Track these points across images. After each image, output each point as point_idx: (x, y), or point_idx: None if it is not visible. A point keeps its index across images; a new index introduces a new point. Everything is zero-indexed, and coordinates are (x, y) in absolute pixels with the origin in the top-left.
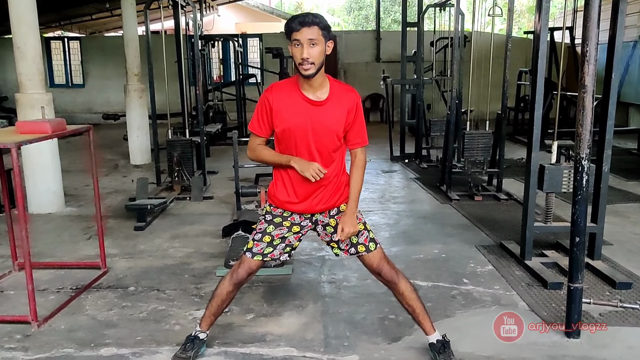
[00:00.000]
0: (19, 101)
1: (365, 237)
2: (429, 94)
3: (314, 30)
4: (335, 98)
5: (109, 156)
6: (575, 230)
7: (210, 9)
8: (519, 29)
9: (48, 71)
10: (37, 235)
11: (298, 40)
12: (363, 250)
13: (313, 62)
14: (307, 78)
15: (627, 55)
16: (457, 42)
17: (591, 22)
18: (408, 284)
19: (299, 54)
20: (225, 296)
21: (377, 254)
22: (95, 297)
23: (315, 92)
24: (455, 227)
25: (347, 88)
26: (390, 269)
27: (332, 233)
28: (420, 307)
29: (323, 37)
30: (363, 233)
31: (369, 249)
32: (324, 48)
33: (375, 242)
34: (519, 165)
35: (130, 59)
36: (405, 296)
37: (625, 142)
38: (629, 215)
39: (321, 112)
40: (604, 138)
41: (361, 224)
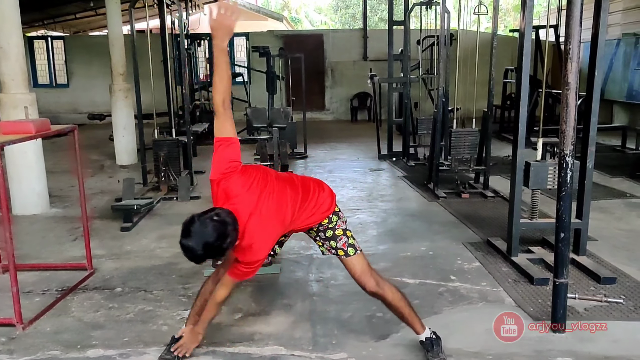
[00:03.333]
0: (2, 101)
1: (344, 242)
2: (416, 92)
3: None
4: None
5: (94, 156)
6: (560, 226)
7: (196, 8)
8: (504, 27)
9: (31, 71)
10: (21, 236)
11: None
12: (342, 254)
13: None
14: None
15: (611, 53)
16: (444, 41)
17: (574, 20)
18: (394, 292)
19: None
20: (208, 295)
21: (358, 263)
22: (81, 298)
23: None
24: (442, 225)
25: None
26: (374, 283)
27: (315, 237)
28: (409, 311)
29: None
30: (341, 238)
31: (347, 254)
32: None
33: (355, 247)
34: (505, 163)
35: (116, 59)
36: (393, 305)
37: (610, 139)
38: (614, 211)
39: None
40: (588, 135)
41: (340, 229)
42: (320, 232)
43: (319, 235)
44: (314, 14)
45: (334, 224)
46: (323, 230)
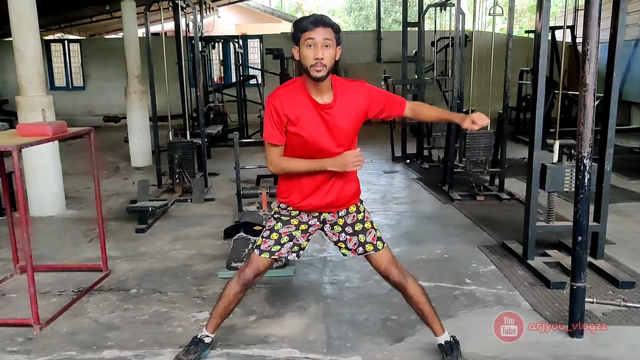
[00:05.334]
0: (20, 104)
1: (373, 236)
2: (430, 93)
3: (329, 31)
4: (343, 98)
5: (109, 158)
6: (577, 229)
7: (210, 10)
8: (520, 28)
9: (48, 74)
10: (38, 238)
11: (312, 40)
12: (371, 249)
13: (326, 64)
14: (317, 81)
15: (629, 54)
16: (458, 42)
17: (592, 21)
18: (417, 287)
19: (312, 55)
20: (232, 297)
21: (385, 255)
22: (97, 299)
23: (323, 95)
24: (457, 227)
25: (351, 84)
26: (399, 273)
27: (340, 232)
28: (430, 309)
29: (335, 41)
30: (370, 232)
31: (376, 248)
32: (335, 52)
33: (382, 241)
34: (521, 165)
35: (131, 61)
36: (414, 299)
37: (628, 141)
38: (632, 214)
39: (333, 114)
40: (606, 137)
41: (369, 222)
42: (347, 227)
43: (345, 230)
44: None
45: (362, 214)
46: (351, 224)
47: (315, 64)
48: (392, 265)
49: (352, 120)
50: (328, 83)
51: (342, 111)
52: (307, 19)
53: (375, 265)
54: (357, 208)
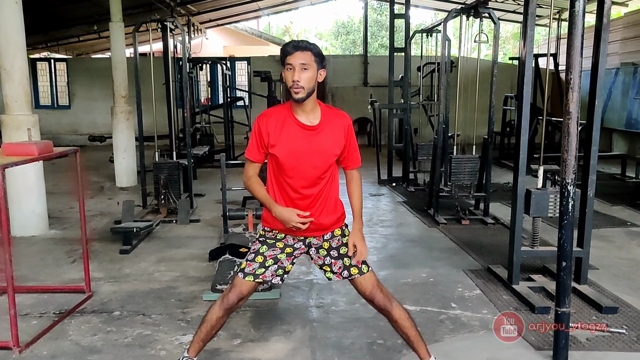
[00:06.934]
0: (5, 122)
1: (358, 260)
2: (416, 118)
3: (307, 55)
4: (328, 122)
5: (94, 178)
6: (562, 255)
7: (198, 32)
8: (504, 55)
9: (33, 92)
10: (20, 258)
11: (291, 64)
12: (356, 272)
13: (303, 86)
14: (297, 102)
15: (610, 82)
16: (444, 67)
17: (574, 51)
18: (402, 311)
19: (290, 77)
20: (215, 322)
21: (370, 279)
22: (79, 321)
23: (307, 116)
24: (443, 251)
25: (338, 112)
26: (383, 297)
27: (325, 256)
28: (415, 333)
29: (315, 64)
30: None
31: (361, 271)
32: (315, 74)
33: (367, 264)
34: (506, 190)
35: (118, 81)
36: (399, 324)
37: (609, 167)
38: (614, 240)
39: (316, 136)
40: (589, 163)
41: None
42: (332, 250)
43: (330, 253)
44: (315, 40)
45: (347, 238)
46: (336, 247)
47: (293, 86)
48: (377, 289)
49: (332, 144)
50: (312, 105)
51: (330, 134)
52: (288, 44)
53: (360, 289)
54: (342, 231)
